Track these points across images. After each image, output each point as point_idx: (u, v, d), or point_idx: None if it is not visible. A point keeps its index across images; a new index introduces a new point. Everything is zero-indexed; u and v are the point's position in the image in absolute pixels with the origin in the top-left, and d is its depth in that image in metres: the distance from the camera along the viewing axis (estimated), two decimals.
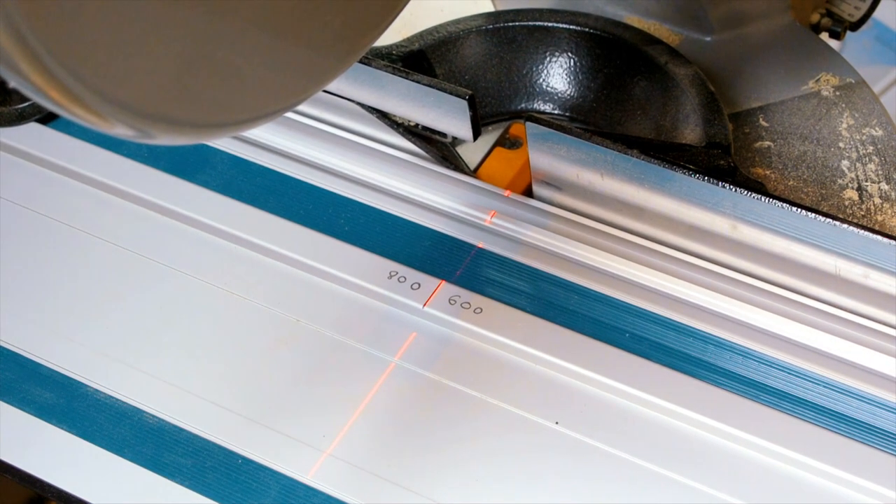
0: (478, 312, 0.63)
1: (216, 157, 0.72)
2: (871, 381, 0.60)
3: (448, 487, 0.57)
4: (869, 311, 0.62)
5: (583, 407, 0.60)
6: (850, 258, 0.60)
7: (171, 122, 0.41)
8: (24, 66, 0.35)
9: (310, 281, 0.66)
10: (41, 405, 0.61)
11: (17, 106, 0.73)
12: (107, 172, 0.71)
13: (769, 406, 0.59)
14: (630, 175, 0.64)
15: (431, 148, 0.71)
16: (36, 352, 0.63)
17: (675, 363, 0.61)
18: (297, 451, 0.58)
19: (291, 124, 0.73)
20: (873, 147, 0.71)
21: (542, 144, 0.66)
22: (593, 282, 0.65)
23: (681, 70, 0.73)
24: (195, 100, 0.42)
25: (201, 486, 0.57)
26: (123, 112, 0.39)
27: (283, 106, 0.49)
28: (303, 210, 0.69)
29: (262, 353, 0.63)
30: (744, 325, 0.63)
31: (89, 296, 0.66)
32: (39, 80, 0.36)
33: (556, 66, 0.78)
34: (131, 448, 0.59)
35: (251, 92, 0.46)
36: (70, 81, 0.36)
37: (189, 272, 0.66)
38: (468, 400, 0.60)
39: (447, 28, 0.77)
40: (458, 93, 0.65)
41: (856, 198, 0.68)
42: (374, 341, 0.63)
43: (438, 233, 0.68)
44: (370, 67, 0.67)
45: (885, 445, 0.58)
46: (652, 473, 0.57)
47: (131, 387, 0.61)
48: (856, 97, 0.74)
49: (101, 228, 0.69)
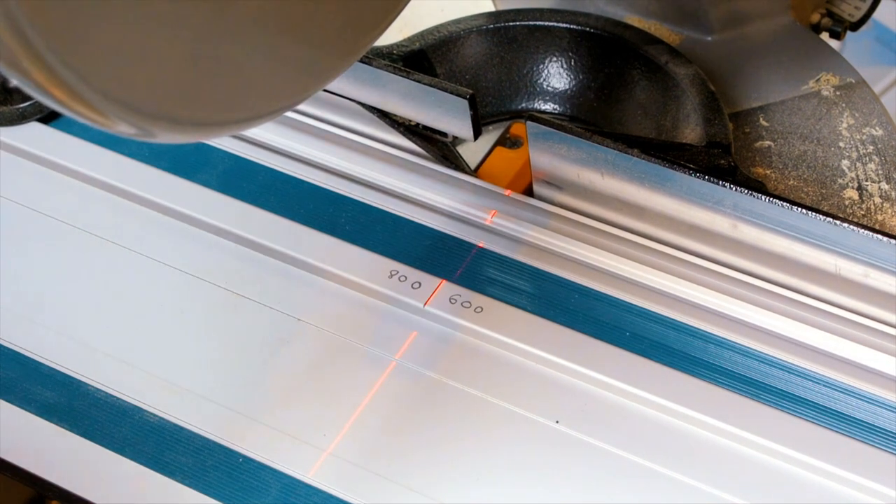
0: (478, 311, 0.63)
1: (217, 156, 0.72)
2: (872, 380, 0.60)
3: (448, 486, 0.57)
4: (869, 310, 0.62)
5: (583, 406, 0.60)
6: (850, 257, 0.60)
7: (172, 120, 0.41)
8: (26, 64, 0.35)
9: (310, 280, 0.66)
10: (42, 404, 0.61)
11: (19, 105, 0.73)
12: (108, 171, 0.71)
13: (769, 405, 0.59)
14: (631, 174, 0.64)
15: (432, 147, 0.71)
16: (36, 351, 0.63)
17: (676, 362, 0.61)
18: (297, 449, 0.58)
19: (292, 123, 0.73)
20: (873, 147, 0.71)
21: (542, 144, 0.66)
22: (594, 281, 0.65)
23: (681, 70, 0.73)
24: (197, 98, 0.43)
25: (202, 485, 0.57)
26: (125, 110, 0.39)
27: (284, 105, 0.49)
28: (303, 209, 0.69)
29: (262, 352, 0.63)
30: (744, 324, 0.63)
31: (90, 294, 0.66)
32: (42, 78, 0.36)
33: (557, 66, 0.78)
34: (132, 446, 0.59)
35: (252, 91, 0.46)
36: (72, 80, 0.36)
37: (190, 271, 0.66)
38: (469, 399, 0.60)
39: (448, 28, 0.77)
40: (459, 92, 0.65)
41: (856, 197, 0.68)
42: (375, 340, 0.63)
43: (439, 232, 0.68)
44: (371, 67, 0.67)
45: (885, 444, 0.58)
46: (652, 472, 0.57)
47: (132, 385, 0.61)
48: (856, 97, 0.74)
49: (101, 227, 0.69)
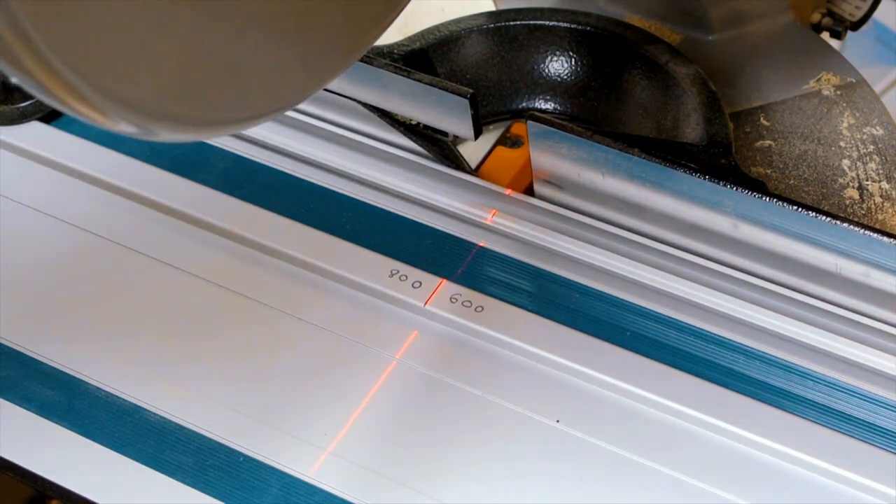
0: (479, 311, 0.63)
1: (217, 156, 0.72)
2: (872, 379, 0.60)
3: (449, 485, 0.57)
4: (870, 309, 0.62)
5: (584, 405, 0.60)
6: (850, 257, 0.60)
7: (173, 119, 0.41)
8: (27, 62, 0.35)
9: (311, 279, 0.66)
10: (42, 403, 0.61)
11: (19, 104, 0.73)
12: (108, 170, 0.71)
13: (770, 404, 0.59)
14: (631, 174, 0.64)
15: (433, 147, 0.71)
16: (37, 349, 0.63)
17: (677, 361, 0.61)
18: (298, 448, 0.58)
19: (293, 123, 0.73)
20: (874, 146, 0.71)
21: (543, 143, 0.66)
22: (594, 280, 0.65)
23: (682, 69, 0.73)
24: (197, 97, 0.43)
25: (202, 484, 0.57)
26: (126, 109, 0.39)
27: (284, 104, 0.49)
28: (304, 208, 0.69)
29: (263, 351, 0.63)
30: (745, 324, 0.63)
31: (90, 293, 0.66)
32: (43, 76, 0.36)
33: (558, 66, 0.78)
34: (132, 446, 0.59)
35: (253, 90, 0.46)
36: (73, 78, 0.36)
37: (190, 270, 0.66)
38: (469, 398, 0.60)
39: (448, 27, 0.77)
40: (460, 92, 0.65)
41: (857, 197, 0.68)
42: (376, 339, 0.63)
43: (440, 231, 0.68)
44: (371, 66, 0.67)
45: (885, 444, 0.58)
46: (653, 471, 0.57)
47: (132, 384, 0.61)
48: (856, 96, 0.74)
49: (102, 226, 0.69)
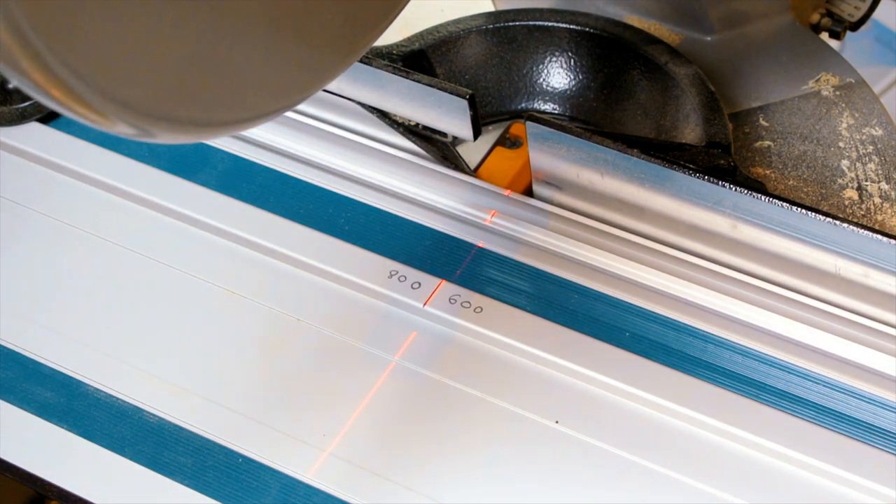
0: (478, 312, 0.63)
1: (216, 157, 0.72)
2: (871, 380, 0.60)
3: (448, 486, 0.57)
4: (869, 310, 0.62)
5: (583, 406, 0.60)
6: (850, 257, 0.60)
7: (172, 120, 0.41)
8: (26, 64, 0.35)
9: (310, 280, 0.66)
10: (41, 404, 0.61)
11: (18, 105, 0.73)
12: (107, 171, 0.71)
13: (769, 405, 0.59)
14: (630, 174, 0.64)
15: (432, 147, 0.71)
16: (36, 351, 0.63)
17: (675, 362, 0.61)
18: (297, 449, 0.58)
19: (292, 123, 0.73)
20: (873, 147, 0.71)
21: (542, 144, 0.66)
22: (593, 281, 0.65)
23: (681, 70, 0.73)
24: (196, 98, 0.43)
25: (201, 485, 0.57)
26: (125, 110, 0.39)
27: (283, 105, 0.49)
28: (303, 209, 0.69)
29: (262, 352, 0.63)
30: (744, 325, 0.63)
31: (89, 295, 0.66)
32: (41, 78, 0.36)
33: (557, 66, 0.78)
34: (131, 447, 0.59)
35: (252, 91, 0.46)
36: (71, 80, 0.36)
37: (189, 271, 0.66)
38: (468, 399, 0.60)
39: (447, 28, 0.77)
40: (459, 92, 0.65)
41: (856, 197, 0.68)
42: (375, 340, 0.63)
43: (439, 232, 0.68)
44: (371, 67, 0.67)
45: (884, 444, 0.58)
46: (652, 472, 0.57)
47: (131, 386, 0.61)
48: (856, 97, 0.74)
49: (101, 227, 0.69)
